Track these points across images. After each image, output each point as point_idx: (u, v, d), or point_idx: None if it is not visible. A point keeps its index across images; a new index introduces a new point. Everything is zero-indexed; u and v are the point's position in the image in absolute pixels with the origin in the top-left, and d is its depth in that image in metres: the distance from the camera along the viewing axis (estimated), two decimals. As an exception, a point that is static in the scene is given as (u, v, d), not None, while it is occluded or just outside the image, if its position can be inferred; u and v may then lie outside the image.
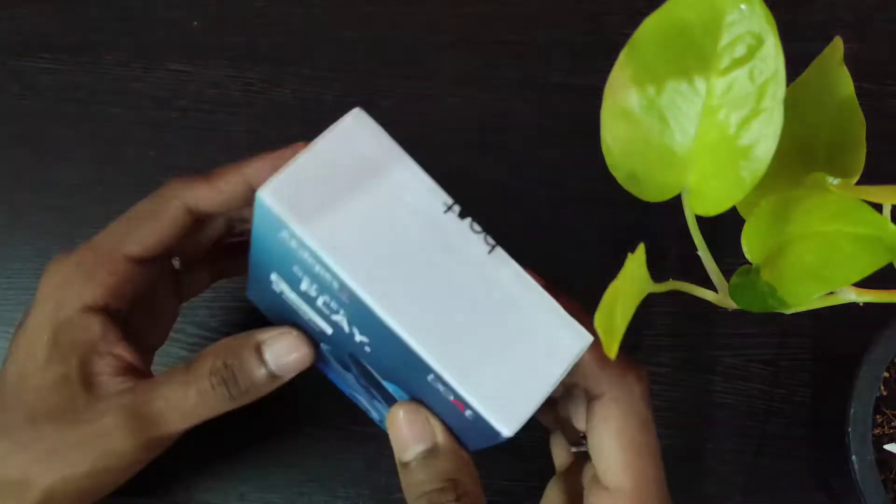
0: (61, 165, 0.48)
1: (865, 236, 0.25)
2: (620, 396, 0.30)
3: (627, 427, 0.30)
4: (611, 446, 0.30)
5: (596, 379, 0.30)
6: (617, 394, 0.30)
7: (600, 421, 0.30)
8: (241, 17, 0.50)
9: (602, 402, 0.30)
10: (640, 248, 0.26)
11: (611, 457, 0.30)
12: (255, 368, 0.32)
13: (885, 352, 0.38)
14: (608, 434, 0.30)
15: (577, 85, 0.49)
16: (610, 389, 0.30)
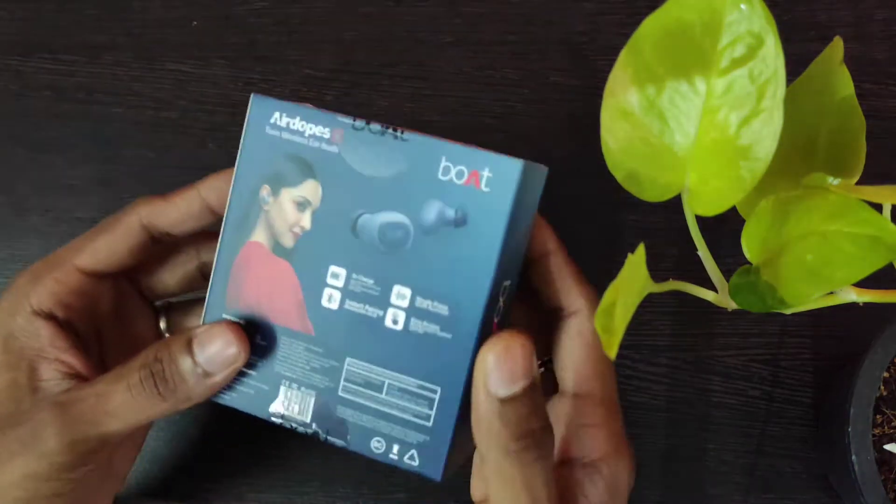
0: (61, 165, 0.48)
1: (865, 236, 0.25)
2: (592, 315, 0.32)
3: (596, 342, 0.32)
4: (584, 357, 0.32)
5: (576, 294, 0.32)
6: (591, 312, 0.32)
7: (576, 334, 0.32)
8: (241, 17, 0.50)
9: (578, 319, 0.32)
10: (640, 248, 0.26)
11: (584, 366, 0.32)
12: (183, 362, 0.31)
13: (885, 352, 0.38)
14: (582, 345, 0.32)
15: (577, 85, 0.49)
16: (587, 306, 0.32)
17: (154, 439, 0.45)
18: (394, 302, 0.31)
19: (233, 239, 0.33)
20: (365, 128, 0.31)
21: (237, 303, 0.33)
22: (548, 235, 0.33)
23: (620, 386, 0.46)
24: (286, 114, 0.32)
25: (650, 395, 0.46)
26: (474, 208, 0.30)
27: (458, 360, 0.30)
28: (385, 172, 0.31)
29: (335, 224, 0.31)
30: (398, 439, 0.31)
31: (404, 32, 0.50)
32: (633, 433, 0.46)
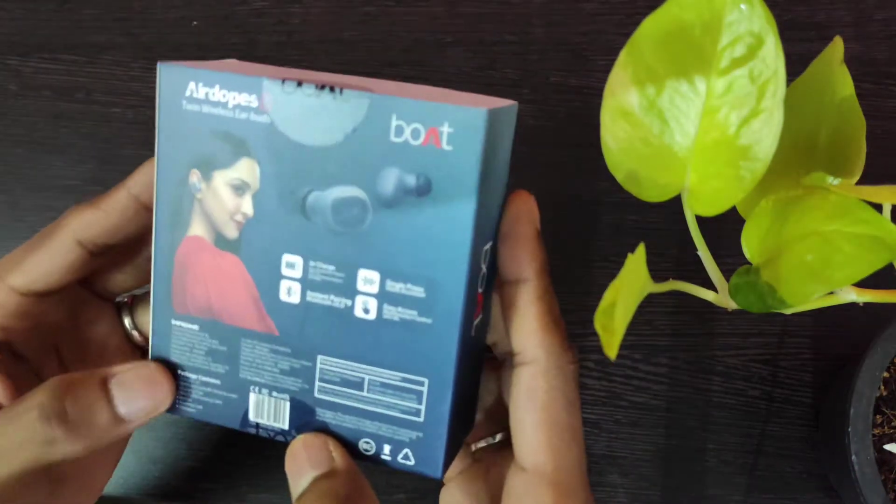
0: (60, 165, 0.48)
1: (865, 236, 0.25)
2: (552, 371, 0.27)
3: (553, 404, 0.27)
4: (533, 422, 0.27)
5: (535, 342, 0.27)
6: (549, 366, 0.27)
7: (526, 393, 0.27)
8: (241, 17, 0.50)
9: (532, 372, 0.27)
10: (640, 248, 0.26)
11: (532, 435, 0.27)
12: (98, 406, 0.28)
13: (885, 352, 0.38)
14: (532, 409, 0.27)
15: (577, 85, 0.49)
16: (544, 359, 0.27)
17: (153, 440, 0.45)
18: (361, 289, 0.27)
19: (168, 237, 0.29)
20: (297, 89, 0.26)
21: (185, 307, 0.30)
22: (527, 258, 0.28)
23: (621, 386, 0.46)
24: (202, 82, 0.27)
25: (650, 395, 0.46)
26: (437, 171, 0.25)
27: (443, 345, 0.27)
28: (329, 140, 0.26)
29: (281, 206, 0.27)
30: (388, 438, 0.28)
31: (404, 32, 0.50)
32: (634, 433, 0.46)
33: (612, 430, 0.46)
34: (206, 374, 0.30)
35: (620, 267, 0.25)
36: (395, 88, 0.27)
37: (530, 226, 0.28)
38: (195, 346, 0.30)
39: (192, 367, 0.30)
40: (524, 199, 0.28)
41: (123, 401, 0.29)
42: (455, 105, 0.25)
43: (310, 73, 0.29)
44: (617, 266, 0.25)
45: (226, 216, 0.28)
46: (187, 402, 0.30)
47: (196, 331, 0.30)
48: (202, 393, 0.30)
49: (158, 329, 0.30)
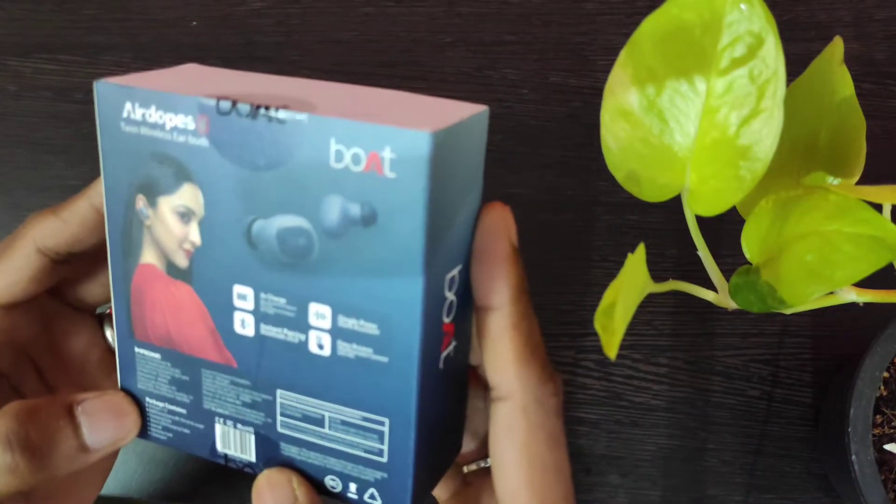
0: (60, 165, 0.48)
1: (865, 236, 0.25)
2: (530, 406, 0.25)
3: (534, 443, 0.25)
4: (513, 462, 0.25)
5: (510, 376, 0.25)
6: (527, 401, 0.25)
7: (504, 430, 0.26)
8: (241, 17, 0.50)
9: (509, 408, 0.25)
10: (640, 248, 0.26)
11: (512, 474, 0.26)
12: (62, 435, 0.27)
13: (885, 352, 0.38)
14: (511, 447, 0.25)
15: (577, 85, 0.49)
16: (521, 394, 0.25)
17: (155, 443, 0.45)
18: (313, 323, 0.26)
19: (122, 263, 0.28)
20: (231, 110, 0.24)
21: (146, 335, 0.28)
22: (501, 282, 0.25)
23: (621, 386, 0.46)
24: (138, 102, 0.25)
25: (650, 394, 0.46)
26: (382, 201, 0.23)
27: (402, 385, 0.25)
28: (270, 164, 0.24)
29: (227, 235, 0.26)
30: (354, 477, 0.27)
31: (404, 32, 0.50)
32: (633, 433, 0.46)
33: (612, 430, 0.46)
34: (173, 403, 0.29)
35: (620, 267, 0.25)
36: (345, 100, 0.25)
37: (504, 243, 0.25)
38: (159, 374, 0.29)
39: (158, 395, 0.29)
40: (496, 212, 0.25)
41: (89, 429, 0.28)
42: (397, 127, 0.22)
43: (259, 83, 0.27)
44: (617, 266, 0.25)
45: (175, 244, 0.27)
46: (157, 429, 0.30)
47: (158, 359, 0.29)
48: (170, 421, 0.29)
49: (123, 356, 0.29)
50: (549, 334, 0.46)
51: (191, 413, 0.29)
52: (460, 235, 0.25)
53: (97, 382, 0.33)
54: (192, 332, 0.27)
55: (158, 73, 0.28)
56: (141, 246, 0.27)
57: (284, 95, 0.25)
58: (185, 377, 0.28)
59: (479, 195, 0.26)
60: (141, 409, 0.30)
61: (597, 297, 0.40)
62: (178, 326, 0.28)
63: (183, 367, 0.28)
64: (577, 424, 0.46)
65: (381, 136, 0.23)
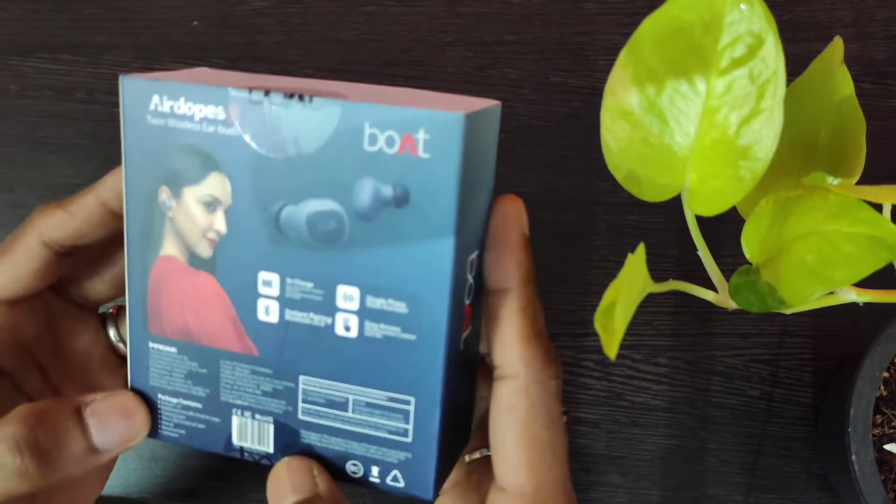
0: (61, 165, 0.48)
1: (865, 236, 0.25)
2: (532, 386, 0.26)
3: (534, 422, 0.26)
4: (513, 440, 0.26)
5: (514, 356, 0.26)
6: (529, 381, 0.26)
7: (506, 410, 0.26)
8: (241, 17, 0.50)
9: (512, 387, 0.26)
10: (640, 248, 0.26)
11: (512, 453, 0.26)
12: (71, 437, 0.27)
13: (885, 352, 0.38)
14: (512, 427, 0.26)
15: (577, 85, 0.49)
16: (524, 374, 0.26)
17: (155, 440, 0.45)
18: (341, 305, 0.26)
19: (140, 256, 0.28)
20: (264, 99, 0.25)
21: (162, 329, 0.28)
22: (511, 267, 0.26)
23: (621, 386, 0.46)
24: (167, 95, 0.26)
25: (650, 394, 0.46)
26: (415, 181, 0.24)
27: (429, 363, 0.26)
28: (301, 151, 0.25)
29: (255, 222, 0.26)
30: (376, 460, 0.27)
31: (404, 32, 0.50)
32: (633, 433, 0.46)
33: (612, 430, 0.46)
34: (187, 398, 0.29)
35: (620, 267, 0.25)
36: (370, 94, 0.26)
37: (517, 232, 0.27)
38: (174, 369, 0.29)
39: (172, 390, 0.29)
40: (511, 203, 0.27)
41: (98, 430, 0.28)
42: (430, 110, 0.24)
43: (280, 80, 0.27)
44: (617, 266, 0.25)
45: (198, 234, 0.27)
46: (169, 427, 0.30)
47: (174, 353, 0.29)
48: (183, 417, 0.29)
49: (136, 352, 0.29)
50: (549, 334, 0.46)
51: (206, 407, 0.29)
52: (478, 222, 0.26)
53: (100, 381, 0.33)
54: (212, 323, 0.28)
55: (175, 73, 0.28)
56: (161, 238, 0.28)
57: (312, 88, 0.26)
58: (202, 370, 0.28)
59: (492, 186, 0.27)
60: (152, 408, 0.29)
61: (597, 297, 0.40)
62: (197, 318, 0.28)
63: (200, 360, 0.28)
64: (577, 424, 0.46)
65: (415, 118, 0.24)
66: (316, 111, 0.25)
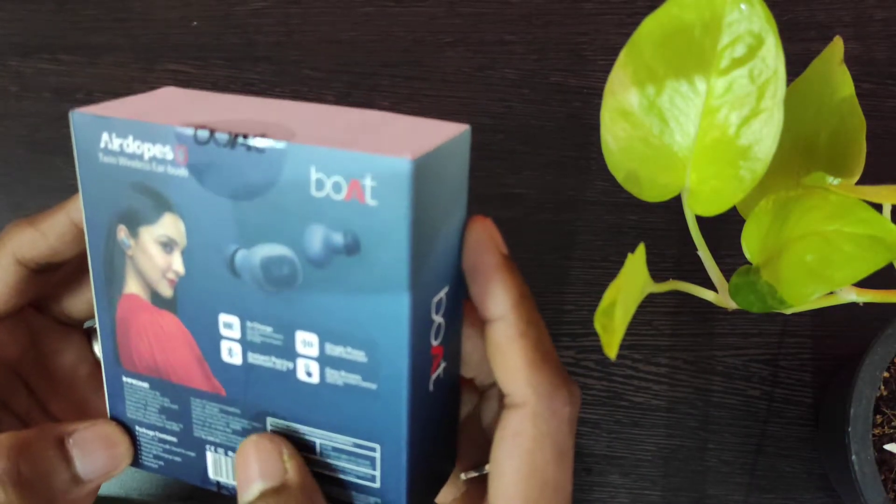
0: (61, 166, 0.48)
1: (865, 236, 0.25)
2: (542, 414, 0.24)
3: (539, 453, 0.24)
4: (513, 470, 0.24)
5: (522, 383, 0.24)
6: (540, 409, 0.24)
7: (511, 437, 0.24)
8: (241, 18, 0.50)
9: (519, 415, 0.24)
10: (640, 248, 0.26)
11: (509, 483, 0.24)
12: (55, 468, 0.26)
13: (885, 352, 0.38)
14: (515, 456, 0.24)
15: (577, 85, 0.49)
16: (535, 401, 0.24)
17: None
18: (301, 351, 0.25)
19: (106, 293, 0.28)
20: (209, 140, 0.24)
21: (133, 364, 0.28)
22: (500, 293, 0.25)
23: (621, 386, 0.46)
24: (115, 132, 0.25)
25: (650, 394, 0.46)
26: (364, 229, 0.23)
27: (392, 411, 0.25)
28: (250, 194, 0.24)
29: (210, 264, 0.25)
30: (347, 503, 0.27)
31: (404, 32, 0.50)
32: (634, 433, 0.46)
33: (613, 430, 0.46)
34: (163, 432, 0.29)
35: (620, 267, 0.25)
36: (325, 127, 0.24)
37: (492, 254, 0.25)
38: (148, 403, 0.29)
39: (148, 423, 0.29)
40: (480, 226, 0.25)
41: (82, 461, 0.27)
42: (376, 155, 0.22)
43: (240, 107, 0.26)
44: (617, 266, 0.25)
45: (158, 274, 0.26)
46: (149, 458, 0.29)
47: (146, 388, 0.28)
48: (161, 450, 0.29)
49: (111, 385, 0.29)
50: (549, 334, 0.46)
51: (181, 441, 0.28)
52: (446, 256, 0.25)
53: (87, 398, 0.33)
54: (179, 361, 0.27)
55: (136, 98, 0.27)
56: (124, 276, 0.27)
57: (263, 121, 0.25)
58: (174, 406, 0.28)
59: (463, 215, 0.25)
60: (132, 437, 0.29)
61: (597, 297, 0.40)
62: (164, 356, 0.27)
63: (172, 396, 0.28)
64: (578, 424, 0.46)
65: (361, 163, 0.22)
66: (260, 154, 0.23)
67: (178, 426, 0.28)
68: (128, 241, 0.26)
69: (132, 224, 0.26)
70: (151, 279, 0.27)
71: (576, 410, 0.25)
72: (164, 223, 0.26)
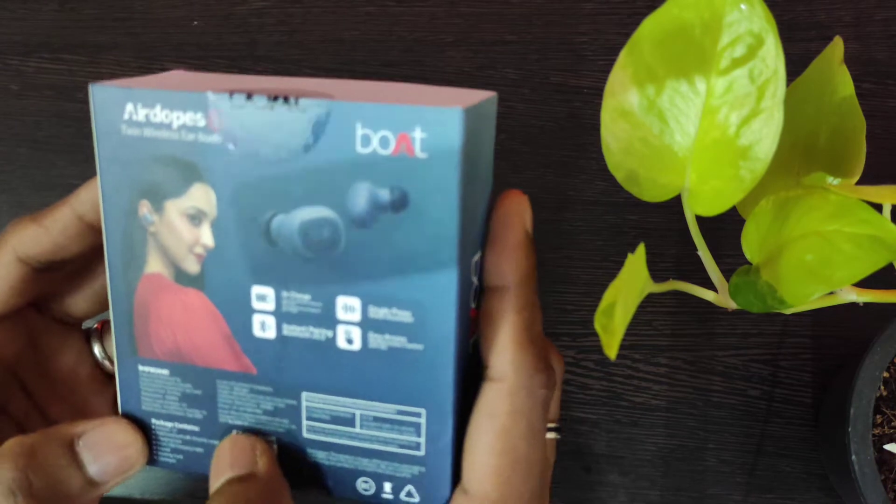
0: (62, 165, 0.48)
1: (865, 236, 0.25)
2: (519, 392, 0.25)
3: (513, 428, 0.25)
4: (487, 446, 0.25)
5: (505, 359, 0.25)
6: (517, 387, 0.25)
7: (486, 412, 0.25)
8: (242, 17, 0.50)
9: (496, 390, 0.25)
10: (640, 248, 0.26)
11: (483, 458, 0.25)
12: (67, 474, 0.26)
13: (885, 352, 0.38)
14: (488, 431, 0.25)
15: (577, 85, 0.49)
16: (513, 379, 0.25)
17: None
18: (342, 317, 0.25)
19: (123, 275, 0.26)
20: (247, 102, 0.23)
21: (152, 350, 0.27)
22: (511, 266, 0.25)
23: (621, 386, 0.46)
24: (141, 103, 0.24)
25: (650, 394, 0.46)
26: (413, 183, 0.23)
27: (439, 372, 0.24)
28: (290, 156, 0.23)
29: (244, 234, 0.25)
30: (388, 476, 0.26)
31: (404, 32, 0.50)
32: (633, 433, 0.46)
33: (613, 430, 0.46)
34: (183, 422, 0.27)
35: (620, 267, 0.25)
36: (358, 91, 0.24)
37: (520, 230, 0.25)
38: (167, 392, 0.27)
39: (166, 414, 0.28)
40: (514, 199, 0.25)
41: (93, 464, 0.26)
42: (426, 106, 0.22)
43: (263, 81, 0.26)
44: (617, 266, 0.25)
45: (184, 249, 0.25)
46: (166, 453, 0.28)
47: (166, 376, 0.27)
48: (180, 442, 0.28)
49: (125, 377, 0.27)
50: (549, 334, 0.46)
51: (204, 430, 0.27)
52: (479, 221, 0.25)
53: (87, 400, 0.32)
54: (204, 342, 0.26)
55: (150, 77, 0.27)
56: (145, 255, 0.26)
57: (297, 88, 0.24)
58: (197, 391, 0.27)
59: (491, 181, 0.25)
60: (146, 434, 0.28)
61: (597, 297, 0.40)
62: (188, 337, 0.26)
63: (195, 381, 0.27)
64: (578, 424, 0.46)
65: (410, 116, 0.22)
66: (302, 113, 0.23)
67: (202, 413, 0.27)
68: (150, 216, 0.25)
69: (156, 198, 0.25)
70: (176, 255, 0.26)
71: (551, 394, 0.26)
72: (193, 194, 0.25)
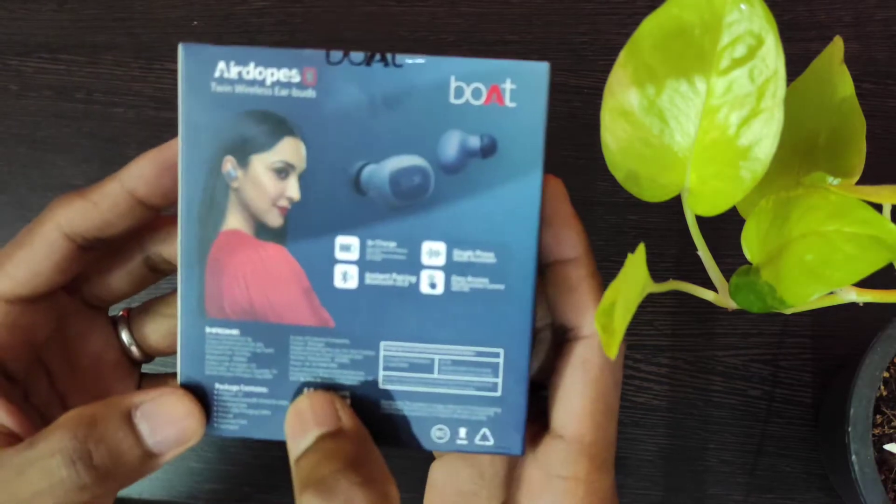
0: (62, 165, 0.48)
1: (865, 236, 0.25)
2: None
3: (603, 379, 0.27)
4: (581, 393, 0.27)
5: (590, 318, 0.27)
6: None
7: (578, 364, 0.27)
8: (242, 17, 0.50)
9: (587, 345, 0.27)
10: (640, 248, 0.26)
11: (578, 404, 0.27)
12: (125, 445, 0.26)
13: (885, 352, 0.38)
14: (582, 380, 0.27)
15: (577, 85, 0.49)
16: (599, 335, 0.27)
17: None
18: (426, 262, 0.26)
19: (197, 233, 0.27)
20: (343, 60, 0.25)
21: (222, 310, 0.27)
22: (575, 237, 0.28)
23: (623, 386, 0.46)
24: (234, 61, 0.26)
25: (650, 395, 0.46)
26: (502, 130, 0.25)
27: (518, 310, 0.26)
28: (383, 109, 0.26)
29: (332, 185, 0.26)
30: (464, 420, 0.27)
31: (405, 32, 0.50)
32: (634, 433, 0.46)
33: (613, 430, 0.46)
34: (250, 384, 0.27)
35: (620, 267, 0.25)
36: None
37: (570, 205, 0.28)
38: (235, 353, 0.27)
39: (231, 377, 0.28)
40: (557, 181, 0.28)
41: (152, 435, 0.26)
42: (515, 61, 0.25)
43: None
44: (617, 266, 0.25)
45: (268, 203, 0.27)
46: (227, 419, 0.28)
47: (236, 336, 0.27)
48: (245, 405, 0.28)
49: (188, 341, 0.27)
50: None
51: (273, 390, 0.27)
52: None
53: (110, 388, 0.31)
54: (281, 297, 0.27)
55: None
56: (224, 211, 0.27)
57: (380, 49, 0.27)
58: (268, 350, 0.27)
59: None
60: (207, 401, 0.28)
61: (597, 297, 0.40)
62: (263, 293, 0.27)
63: (266, 339, 0.27)
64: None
65: (501, 69, 0.25)
66: (398, 69, 0.25)
67: (272, 373, 0.27)
68: (234, 171, 0.27)
69: (242, 153, 0.26)
70: (259, 210, 0.27)
71: (623, 354, 0.28)
72: (282, 148, 0.26)
